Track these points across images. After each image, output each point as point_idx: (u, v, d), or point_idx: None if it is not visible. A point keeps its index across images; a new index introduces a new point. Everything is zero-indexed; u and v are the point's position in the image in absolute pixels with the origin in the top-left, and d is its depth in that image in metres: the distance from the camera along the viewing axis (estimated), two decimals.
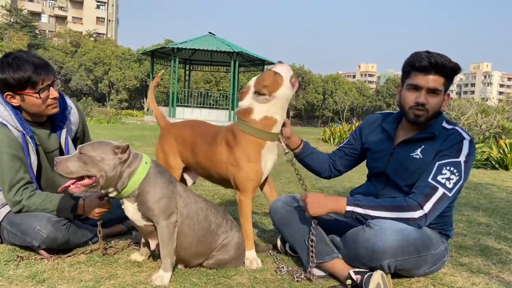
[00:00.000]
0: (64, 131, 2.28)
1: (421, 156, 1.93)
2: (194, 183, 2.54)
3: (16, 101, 2.07)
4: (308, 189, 2.30)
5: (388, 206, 1.84)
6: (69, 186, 1.79)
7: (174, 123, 2.52)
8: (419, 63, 1.85)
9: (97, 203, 2.06)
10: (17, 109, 2.10)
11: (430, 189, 1.81)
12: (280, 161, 2.25)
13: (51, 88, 2.10)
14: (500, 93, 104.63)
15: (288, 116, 2.17)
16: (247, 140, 2.08)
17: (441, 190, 1.80)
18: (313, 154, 2.32)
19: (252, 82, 2.15)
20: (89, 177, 1.78)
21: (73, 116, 2.38)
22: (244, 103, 2.13)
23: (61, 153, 2.29)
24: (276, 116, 2.09)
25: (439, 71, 1.84)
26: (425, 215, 1.79)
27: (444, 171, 1.82)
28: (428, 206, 1.79)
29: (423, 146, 1.94)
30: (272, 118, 2.08)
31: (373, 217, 1.83)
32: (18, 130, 2.07)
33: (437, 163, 1.84)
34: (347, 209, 1.86)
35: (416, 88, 1.88)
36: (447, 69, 1.84)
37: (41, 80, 2.05)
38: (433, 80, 1.85)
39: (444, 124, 1.96)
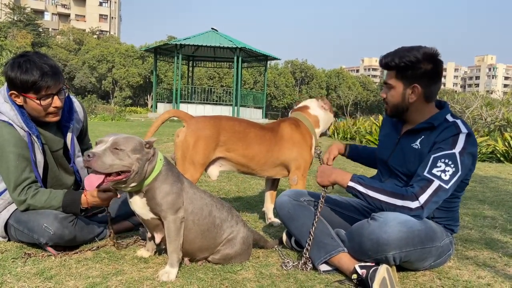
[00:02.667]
0: (70, 131, 2.29)
1: (419, 147, 1.96)
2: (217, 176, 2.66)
3: (19, 101, 2.08)
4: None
5: (388, 191, 1.88)
6: (103, 182, 1.73)
7: (210, 116, 2.58)
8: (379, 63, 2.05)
9: (99, 194, 2.05)
10: (23, 109, 2.11)
11: (426, 182, 1.82)
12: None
13: (55, 97, 2.09)
14: (505, 85, 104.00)
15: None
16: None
17: (436, 183, 1.81)
18: (361, 154, 2.46)
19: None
20: (122, 172, 1.76)
21: (79, 114, 2.40)
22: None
23: (66, 152, 2.30)
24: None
25: (387, 66, 1.98)
26: (421, 207, 1.80)
27: (439, 164, 1.83)
28: (423, 198, 1.80)
29: (422, 137, 1.97)
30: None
31: (371, 197, 1.88)
32: (24, 130, 2.08)
33: (432, 156, 1.86)
34: (349, 184, 1.93)
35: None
36: (390, 65, 1.95)
37: (45, 88, 2.04)
38: (386, 75, 2.00)
39: (448, 117, 1.97)
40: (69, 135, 2.28)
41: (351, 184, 1.93)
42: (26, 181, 2.06)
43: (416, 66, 1.91)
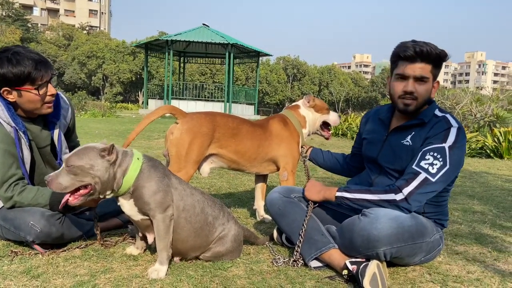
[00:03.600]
0: (57, 127, 2.25)
1: (411, 143, 1.95)
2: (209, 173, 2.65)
3: (12, 97, 2.03)
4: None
5: (373, 190, 1.91)
6: (67, 200, 1.78)
7: (203, 112, 2.55)
8: (404, 53, 1.88)
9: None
10: (10, 105, 2.06)
11: (412, 175, 1.83)
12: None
13: (49, 84, 2.08)
14: (495, 81, 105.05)
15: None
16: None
17: (423, 175, 1.81)
18: (324, 158, 2.60)
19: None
20: (84, 186, 1.76)
21: (66, 111, 2.36)
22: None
23: (53, 148, 2.26)
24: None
25: (425, 59, 1.87)
26: (405, 198, 1.81)
27: (427, 157, 1.84)
28: (407, 190, 1.81)
29: (413, 133, 1.97)
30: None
31: (358, 199, 1.89)
32: (10, 126, 2.04)
33: (422, 150, 1.87)
34: (336, 195, 1.96)
35: (404, 77, 1.91)
36: (433, 56, 1.86)
37: (41, 76, 2.01)
38: (419, 68, 1.88)
39: (436, 112, 1.97)
40: (56, 131, 2.24)
41: (338, 194, 1.95)
42: (13, 178, 2.03)
43: (444, 60, 1.90)
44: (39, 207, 2.05)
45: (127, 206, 1.86)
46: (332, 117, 2.93)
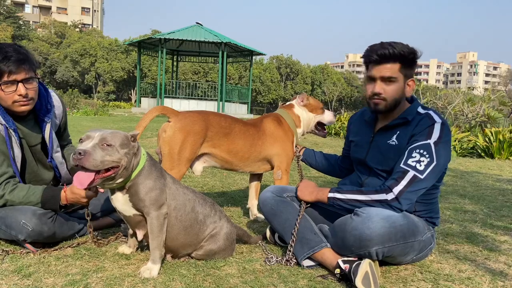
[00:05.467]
0: (48, 126, 2.21)
1: (397, 142, 1.97)
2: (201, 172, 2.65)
3: None
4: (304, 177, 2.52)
5: (364, 190, 1.92)
6: (94, 179, 1.68)
7: (196, 111, 2.55)
8: (369, 57, 1.95)
9: (77, 191, 1.98)
10: None
11: (401, 173, 1.85)
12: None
13: (19, 84, 1.98)
14: (486, 82, 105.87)
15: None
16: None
17: (411, 173, 1.83)
18: (316, 158, 2.59)
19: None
20: (112, 167, 1.71)
21: (58, 109, 2.33)
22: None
23: (44, 146, 2.24)
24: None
25: (390, 59, 1.90)
26: (396, 198, 1.82)
27: (414, 154, 1.85)
28: (398, 189, 1.82)
29: (398, 132, 1.99)
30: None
31: (350, 200, 1.90)
32: (0, 124, 2.02)
33: (408, 148, 1.88)
34: (329, 196, 1.97)
35: (372, 79, 1.97)
36: (397, 56, 1.90)
37: (7, 73, 1.93)
38: (386, 69, 1.92)
39: (419, 109, 1.99)
40: (47, 130, 2.21)
41: (331, 195, 1.96)
42: (4, 176, 2.01)
43: (415, 60, 1.92)
44: (31, 205, 2.03)
45: (121, 201, 1.85)
46: (327, 117, 2.89)
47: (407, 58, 1.91)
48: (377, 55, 1.91)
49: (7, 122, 2.03)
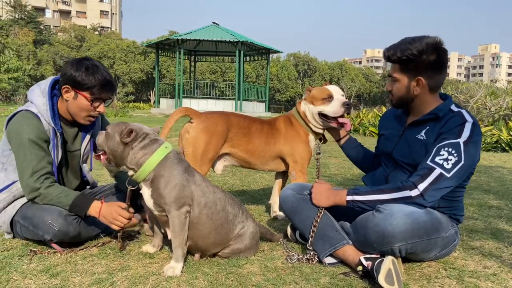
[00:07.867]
0: (88, 135, 2.36)
1: (425, 138, 1.95)
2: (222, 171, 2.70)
3: (68, 96, 2.15)
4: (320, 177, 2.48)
5: (384, 189, 1.90)
6: (99, 155, 1.99)
7: (217, 112, 2.59)
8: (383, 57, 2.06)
9: (117, 209, 2.06)
10: (55, 107, 2.19)
11: (427, 170, 1.83)
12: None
13: (102, 104, 2.22)
14: (509, 74, 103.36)
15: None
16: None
17: (438, 171, 1.81)
18: (357, 148, 2.49)
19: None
20: (105, 152, 1.96)
21: (99, 121, 2.47)
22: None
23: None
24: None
25: (391, 60, 1.99)
26: (421, 194, 1.80)
27: (442, 152, 1.83)
28: (422, 186, 1.81)
29: (427, 127, 1.97)
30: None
31: (371, 201, 1.89)
32: (49, 125, 2.14)
33: (437, 146, 1.86)
34: (347, 199, 1.95)
35: (388, 76, 2.08)
36: (395, 59, 1.95)
37: (101, 93, 2.17)
38: (391, 69, 2.01)
39: (452, 107, 1.97)
40: (86, 139, 2.36)
41: (349, 197, 1.95)
42: (43, 170, 2.09)
43: (419, 59, 1.89)
44: (59, 206, 2.09)
45: (146, 196, 1.92)
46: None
47: (402, 60, 1.92)
48: (383, 55, 2.03)
49: (56, 125, 2.16)
